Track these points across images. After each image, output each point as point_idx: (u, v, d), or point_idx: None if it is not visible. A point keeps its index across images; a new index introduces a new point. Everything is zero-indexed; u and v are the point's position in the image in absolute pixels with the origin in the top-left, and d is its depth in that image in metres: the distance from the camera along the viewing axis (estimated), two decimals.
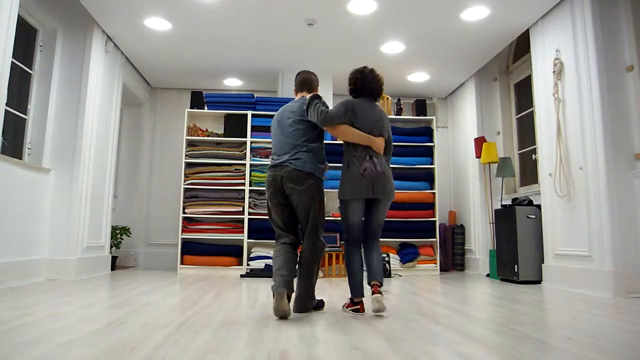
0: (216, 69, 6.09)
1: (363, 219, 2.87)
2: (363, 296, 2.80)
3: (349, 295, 2.86)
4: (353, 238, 2.86)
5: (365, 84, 2.89)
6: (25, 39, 4.32)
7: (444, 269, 6.17)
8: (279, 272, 2.69)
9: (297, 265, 2.85)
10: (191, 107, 5.93)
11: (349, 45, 5.27)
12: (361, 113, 2.82)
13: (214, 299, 3.31)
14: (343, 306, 2.92)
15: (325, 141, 3.05)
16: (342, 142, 2.93)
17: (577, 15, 4.06)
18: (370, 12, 4.48)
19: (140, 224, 6.41)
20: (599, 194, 3.76)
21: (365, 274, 2.84)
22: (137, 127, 6.62)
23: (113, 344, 1.90)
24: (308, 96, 2.92)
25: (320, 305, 2.93)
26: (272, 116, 5.80)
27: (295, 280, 2.80)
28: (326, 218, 5.59)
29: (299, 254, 2.88)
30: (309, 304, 2.84)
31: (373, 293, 2.69)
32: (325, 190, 3.02)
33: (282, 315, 2.55)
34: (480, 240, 5.86)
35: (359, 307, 2.78)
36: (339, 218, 5.68)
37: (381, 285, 2.74)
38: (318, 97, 2.87)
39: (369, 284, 2.78)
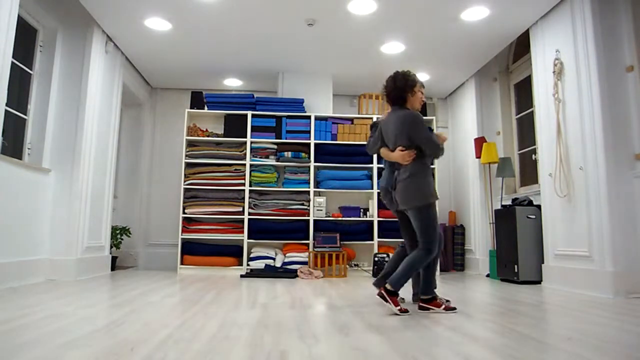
0: (216, 69, 6.09)
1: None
2: (435, 293, 2.92)
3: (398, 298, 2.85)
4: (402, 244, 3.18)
5: (387, 92, 2.88)
6: (25, 39, 4.32)
7: (444, 269, 6.16)
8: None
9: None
10: (191, 107, 5.93)
11: (349, 45, 5.27)
12: (384, 131, 2.90)
13: (214, 299, 3.31)
14: (440, 307, 2.86)
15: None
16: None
17: (577, 16, 4.06)
18: (370, 12, 4.48)
19: (140, 224, 6.41)
20: (599, 194, 3.76)
21: (421, 273, 2.95)
22: (137, 127, 6.62)
23: (113, 344, 1.90)
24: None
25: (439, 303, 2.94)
26: (272, 116, 5.88)
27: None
28: (325, 219, 5.67)
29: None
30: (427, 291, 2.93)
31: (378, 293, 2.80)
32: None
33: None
34: (480, 240, 5.86)
35: (438, 302, 2.86)
36: (339, 218, 5.72)
37: (389, 291, 2.74)
38: (374, 124, 2.99)
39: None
